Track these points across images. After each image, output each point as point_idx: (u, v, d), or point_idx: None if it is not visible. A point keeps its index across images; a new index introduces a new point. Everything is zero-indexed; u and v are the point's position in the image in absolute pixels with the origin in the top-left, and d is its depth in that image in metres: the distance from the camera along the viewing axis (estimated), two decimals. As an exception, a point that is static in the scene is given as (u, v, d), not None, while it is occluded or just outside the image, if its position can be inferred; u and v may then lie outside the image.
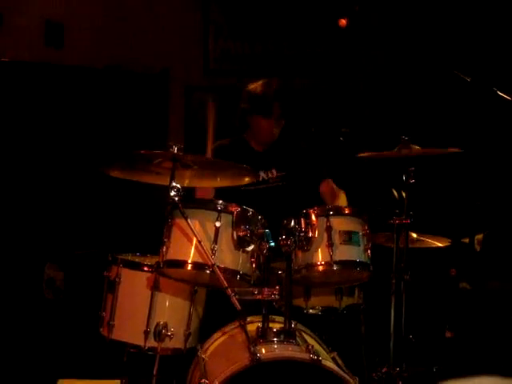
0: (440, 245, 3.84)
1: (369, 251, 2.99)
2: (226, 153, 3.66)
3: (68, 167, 5.25)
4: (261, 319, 2.85)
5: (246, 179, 3.08)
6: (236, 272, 2.82)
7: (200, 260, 2.77)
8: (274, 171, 3.86)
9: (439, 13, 5.33)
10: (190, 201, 2.84)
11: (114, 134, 5.44)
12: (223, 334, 3.06)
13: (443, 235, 3.87)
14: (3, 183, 5.16)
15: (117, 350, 3.24)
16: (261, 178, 3.79)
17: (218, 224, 2.80)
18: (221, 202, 2.85)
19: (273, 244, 2.80)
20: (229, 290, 2.62)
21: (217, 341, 3.03)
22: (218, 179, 3.15)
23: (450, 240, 3.84)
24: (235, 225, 2.82)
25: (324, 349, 2.99)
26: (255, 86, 3.84)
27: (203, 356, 2.92)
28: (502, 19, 4.94)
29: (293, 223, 2.88)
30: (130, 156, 2.85)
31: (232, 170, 3.03)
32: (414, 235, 3.71)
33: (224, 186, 3.21)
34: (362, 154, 3.49)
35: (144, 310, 3.12)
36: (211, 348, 3.00)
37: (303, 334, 3.01)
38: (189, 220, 2.70)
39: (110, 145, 5.34)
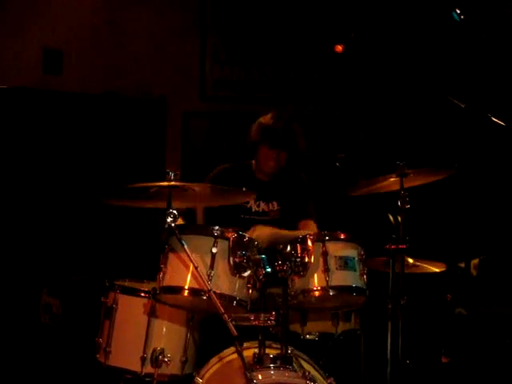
0: (436, 270, 3.84)
1: (365, 276, 3.00)
2: (228, 176, 3.69)
3: (65, 193, 5.26)
4: (257, 345, 2.86)
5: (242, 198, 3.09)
6: (232, 298, 2.83)
7: (196, 286, 2.78)
8: (275, 204, 3.82)
9: (434, 40, 5.38)
10: (187, 227, 2.85)
11: (112, 160, 5.46)
12: (220, 360, 3.05)
13: (439, 260, 3.88)
14: (1, 209, 5.17)
15: (113, 377, 3.23)
16: (261, 209, 3.80)
17: (214, 250, 2.82)
18: (217, 227, 2.86)
19: (269, 270, 2.82)
20: (225, 315, 2.62)
21: (213, 367, 3.02)
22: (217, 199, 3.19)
23: (445, 265, 3.85)
24: (231, 251, 2.84)
25: (321, 375, 2.99)
26: (266, 116, 3.78)
27: (200, 382, 2.91)
28: (495, 47, 4.99)
29: (289, 248, 2.90)
30: (126, 189, 2.89)
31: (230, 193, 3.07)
32: (410, 260, 3.71)
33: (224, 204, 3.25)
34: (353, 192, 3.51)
35: (141, 336, 3.13)
36: (207, 374, 2.98)
37: (300, 359, 3.01)
38: (185, 246, 2.71)
39: (108, 171, 5.36)
